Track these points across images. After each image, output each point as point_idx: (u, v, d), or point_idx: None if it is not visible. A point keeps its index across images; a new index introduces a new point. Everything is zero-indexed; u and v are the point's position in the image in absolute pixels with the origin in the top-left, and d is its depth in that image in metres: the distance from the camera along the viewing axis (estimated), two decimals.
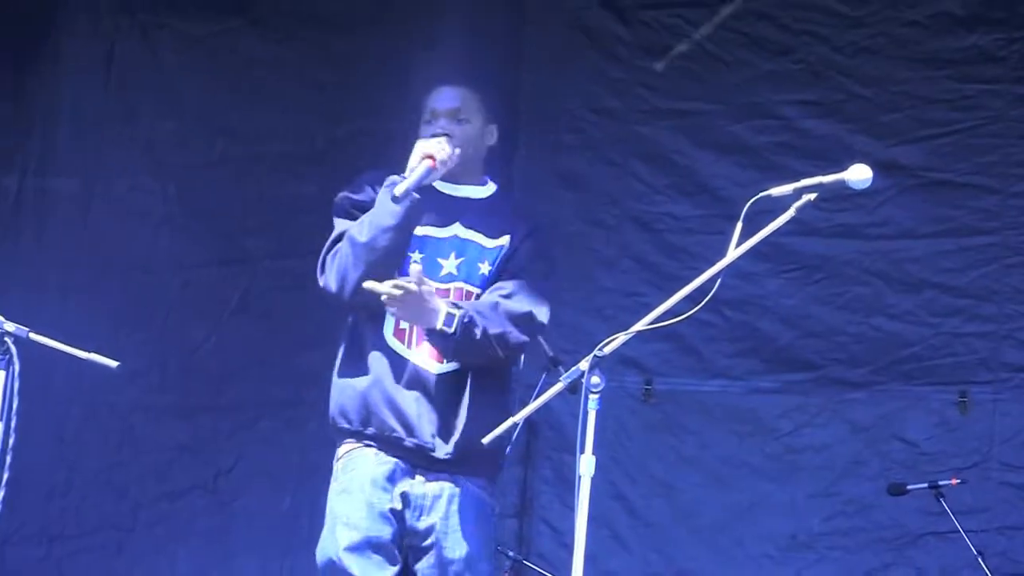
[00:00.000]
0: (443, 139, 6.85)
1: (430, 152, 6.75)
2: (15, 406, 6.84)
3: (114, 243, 11.21)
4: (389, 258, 6.78)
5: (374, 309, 6.82)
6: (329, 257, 6.88)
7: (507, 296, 6.87)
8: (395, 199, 6.65)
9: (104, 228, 11.29)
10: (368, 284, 6.55)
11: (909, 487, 9.81)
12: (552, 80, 11.23)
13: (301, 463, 9.40)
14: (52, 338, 7.04)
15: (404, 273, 6.73)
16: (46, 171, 11.71)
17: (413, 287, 6.50)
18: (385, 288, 6.50)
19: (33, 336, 6.96)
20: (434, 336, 6.65)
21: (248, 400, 10.95)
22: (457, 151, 6.84)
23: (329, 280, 6.87)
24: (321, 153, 10.15)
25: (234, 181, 11.10)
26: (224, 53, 11.47)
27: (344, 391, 6.92)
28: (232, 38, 11.47)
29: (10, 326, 6.89)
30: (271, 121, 11.17)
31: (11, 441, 6.81)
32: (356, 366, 6.94)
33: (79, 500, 10.58)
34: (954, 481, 9.75)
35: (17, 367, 6.87)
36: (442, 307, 6.61)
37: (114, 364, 7.12)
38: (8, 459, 6.79)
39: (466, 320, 6.63)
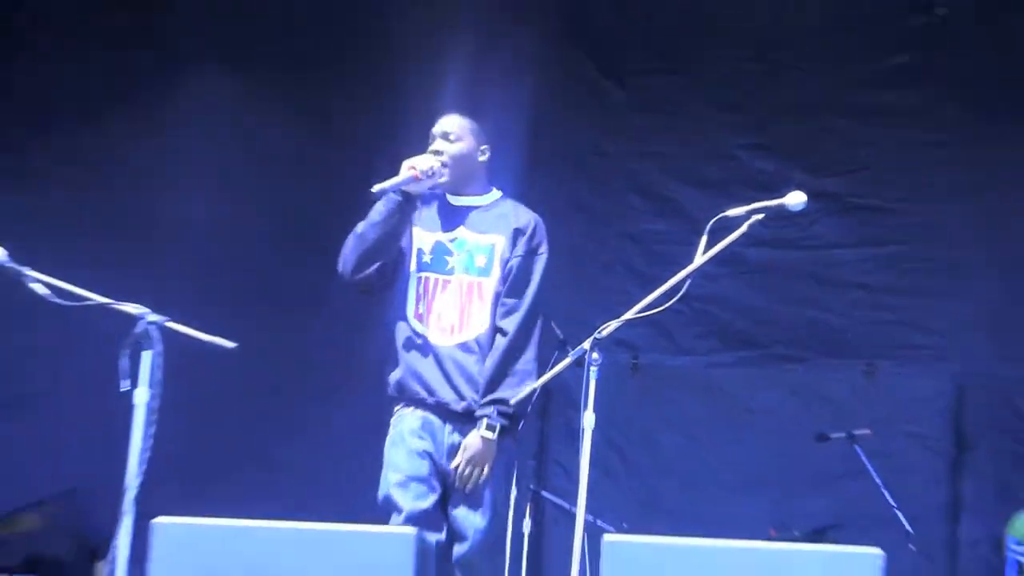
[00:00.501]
0: (429, 155, 6.93)
1: (413, 163, 6.82)
2: (159, 380, 6.73)
3: (218, 257, 11.15)
4: (377, 247, 6.89)
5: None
6: (343, 245, 6.97)
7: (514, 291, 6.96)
8: (372, 195, 6.81)
9: (209, 245, 11.22)
10: None
11: (832, 435, 9.90)
12: (564, 128, 11.27)
13: (362, 425, 9.30)
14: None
15: (405, 265, 7.00)
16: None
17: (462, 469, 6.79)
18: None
19: (169, 324, 6.83)
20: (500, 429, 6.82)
21: (327, 378, 10.93)
22: (440, 163, 6.91)
23: (338, 264, 6.97)
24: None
25: (309, 204, 11.03)
26: (298, 100, 11.45)
27: (389, 369, 7.04)
28: (308, 88, 11.42)
29: (154, 316, 6.78)
30: (339, 156, 11.06)
31: (156, 406, 6.68)
32: (393, 346, 7.04)
33: (207, 452, 10.52)
34: (866, 432, 9.87)
35: (160, 348, 6.74)
36: (488, 435, 6.77)
37: (232, 345, 6.96)
38: (155, 420, 6.66)
39: (501, 423, 6.81)
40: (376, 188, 6.83)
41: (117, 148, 11.53)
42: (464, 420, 6.90)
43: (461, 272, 7.00)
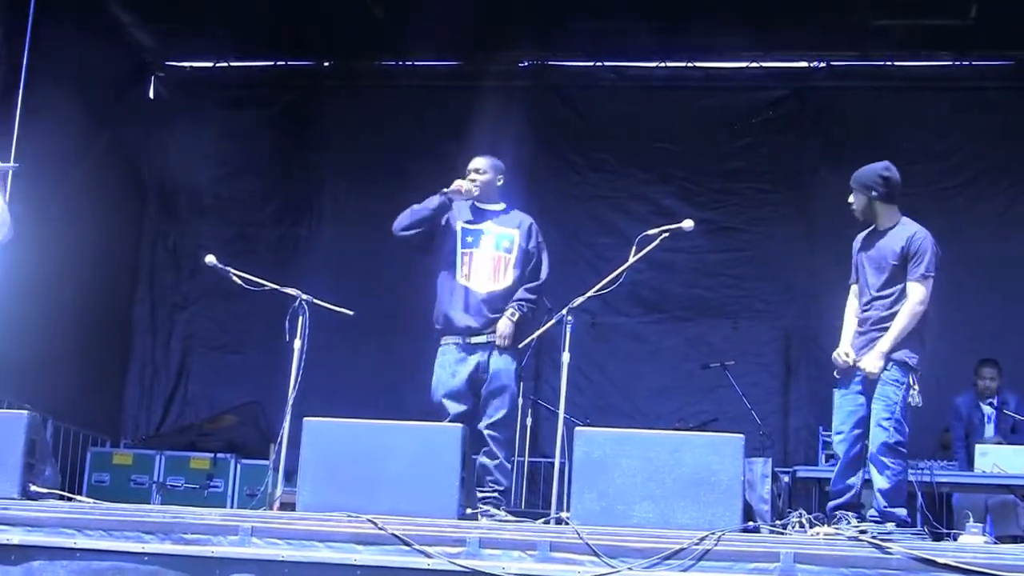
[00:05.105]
0: (468, 180, 6.81)
1: (460, 184, 6.77)
2: (304, 346, 6.71)
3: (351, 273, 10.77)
4: (420, 219, 6.73)
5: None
6: (401, 214, 6.82)
7: (533, 275, 6.81)
8: (440, 193, 6.73)
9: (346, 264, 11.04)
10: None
11: (711, 365, 9.64)
12: (551, 181, 11.08)
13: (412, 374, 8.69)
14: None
15: (447, 242, 6.76)
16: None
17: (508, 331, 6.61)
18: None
19: (314, 300, 6.86)
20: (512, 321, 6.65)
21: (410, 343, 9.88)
22: (474, 187, 6.79)
23: (394, 223, 6.79)
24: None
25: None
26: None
27: (437, 309, 6.78)
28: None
29: (304, 295, 6.81)
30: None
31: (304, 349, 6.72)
32: (441, 294, 6.80)
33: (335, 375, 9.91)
34: (731, 363, 9.64)
35: (307, 315, 6.76)
36: (513, 318, 6.61)
37: (351, 312, 7.02)
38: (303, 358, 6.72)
39: (522, 312, 6.67)
40: (443, 190, 6.75)
41: None
42: (483, 347, 6.66)
43: (492, 249, 6.78)
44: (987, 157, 10.71)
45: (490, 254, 6.80)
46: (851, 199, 6.46)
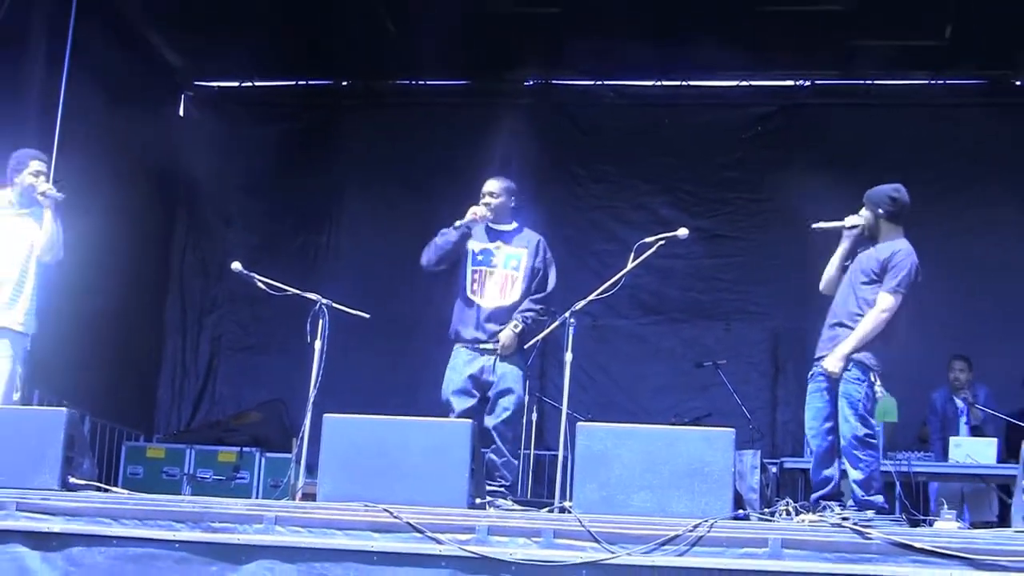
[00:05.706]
0: (483, 206, 6.82)
1: (475, 211, 6.79)
2: (324, 347, 6.77)
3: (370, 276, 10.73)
4: (445, 251, 6.74)
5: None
6: (425, 248, 6.85)
7: (540, 287, 6.84)
8: (454, 227, 6.74)
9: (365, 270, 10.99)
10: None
11: (704, 364, 9.62)
12: (556, 191, 11.03)
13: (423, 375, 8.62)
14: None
15: (463, 263, 6.78)
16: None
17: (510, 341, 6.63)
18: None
19: (333, 304, 6.89)
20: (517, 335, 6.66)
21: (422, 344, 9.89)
22: (489, 211, 6.81)
23: (421, 258, 6.82)
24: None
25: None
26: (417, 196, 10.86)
27: (452, 322, 6.80)
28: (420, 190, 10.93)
29: (324, 300, 6.85)
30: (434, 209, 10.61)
31: (325, 350, 6.77)
32: (453, 307, 6.83)
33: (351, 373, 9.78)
34: (724, 362, 9.64)
35: (327, 318, 6.80)
36: (516, 329, 6.62)
37: (367, 315, 7.04)
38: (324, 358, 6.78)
39: (525, 323, 6.67)
40: (456, 223, 6.77)
41: None
42: (490, 352, 6.68)
43: (501, 268, 6.80)
44: (961, 171, 10.69)
45: (500, 272, 6.83)
46: (862, 213, 6.46)
